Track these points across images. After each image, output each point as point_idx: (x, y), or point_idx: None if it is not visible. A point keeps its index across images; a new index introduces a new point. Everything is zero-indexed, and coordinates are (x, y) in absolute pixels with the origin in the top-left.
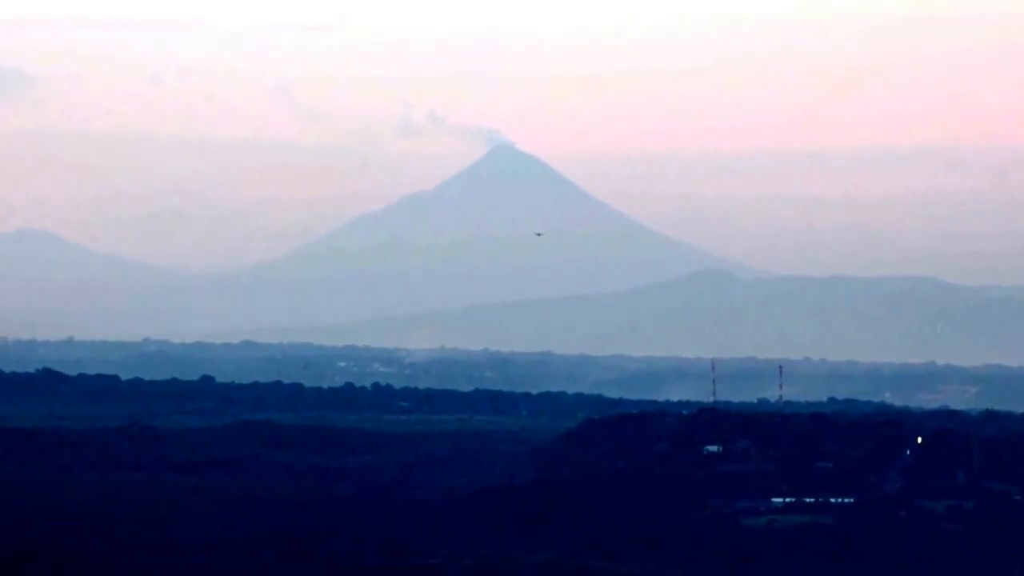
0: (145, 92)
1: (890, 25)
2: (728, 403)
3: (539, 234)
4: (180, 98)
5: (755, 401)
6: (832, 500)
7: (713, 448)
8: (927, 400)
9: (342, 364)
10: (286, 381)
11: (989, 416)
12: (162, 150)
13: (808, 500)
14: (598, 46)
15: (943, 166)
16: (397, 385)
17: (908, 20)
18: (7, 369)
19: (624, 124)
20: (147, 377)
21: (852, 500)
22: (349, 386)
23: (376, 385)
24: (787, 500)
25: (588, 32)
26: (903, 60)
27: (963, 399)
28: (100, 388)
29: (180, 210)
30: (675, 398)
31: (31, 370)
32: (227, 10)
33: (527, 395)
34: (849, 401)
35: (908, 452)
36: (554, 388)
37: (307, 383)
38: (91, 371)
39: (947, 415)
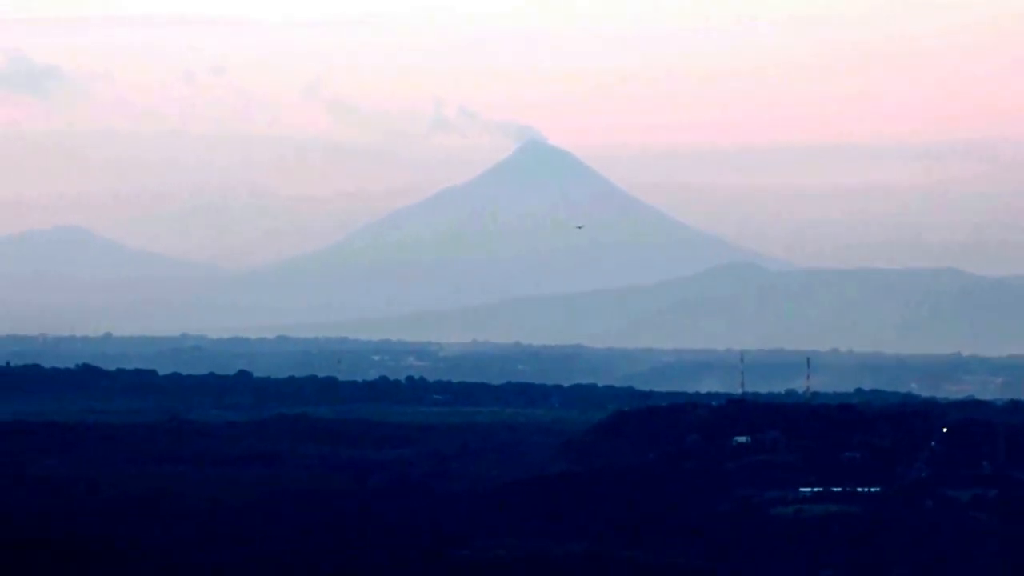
0: (179, 89)
1: (915, 17)
2: (757, 394)
3: (580, 227)
4: (214, 95)
5: (783, 392)
6: (859, 489)
7: (742, 439)
8: (952, 390)
9: (376, 358)
10: (321, 375)
11: (1014, 406)
12: (196, 147)
13: (835, 490)
14: (627, 41)
15: (969, 158)
16: (431, 378)
17: (934, 9)
18: (47, 365)
19: (653, 118)
20: (184, 372)
21: (879, 489)
22: (383, 379)
23: (410, 378)
24: (815, 490)
25: (617, 28)
26: (930, 52)
27: (988, 389)
28: (138, 383)
29: (215, 206)
30: (704, 390)
31: (70, 366)
32: (260, 7)
33: (558, 388)
34: (876, 392)
35: (934, 442)
36: (585, 381)
37: (341, 377)
38: (129, 366)
39: (972, 405)
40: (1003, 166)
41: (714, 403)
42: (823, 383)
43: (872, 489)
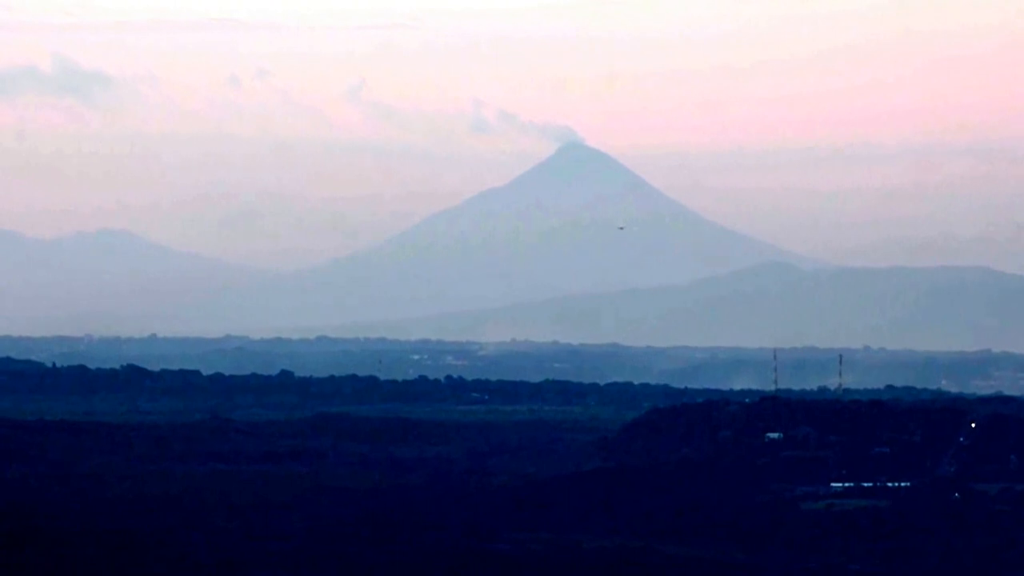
0: (223, 93)
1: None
2: (789, 391)
3: (621, 228)
4: (257, 99)
5: (815, 389)
6: (889, 484)
7: (774, 435)
8: (982, 387)
9: (416, 357)
10: (361, 374)
11: None
12: (239, 150)
13: (866, 485)
14: (663, 45)
15: (996, 158)
16: (469, 377)
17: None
18: (93, 366)
19: (689, 120)
20: (228, 372)
21: (909, 484)
22: (423, 379)
23: (449, 377)
24: (846, 485)
25: (654, 30)
26: (964, 51)
27: (1017, 385)
28: (183, 383)
29: (258, 209)
30: (738, 387)
31: (116, 367)
32: (303, 12)
33: (595, 386)
34: (906, 388)
35: (963, 437)
36: (621, 379)
37: (382, 376)
38: (174, 367)
39: (1001, 401)
40: None
41: (747, 400)
42: (854, 380)
43: (902, 484)
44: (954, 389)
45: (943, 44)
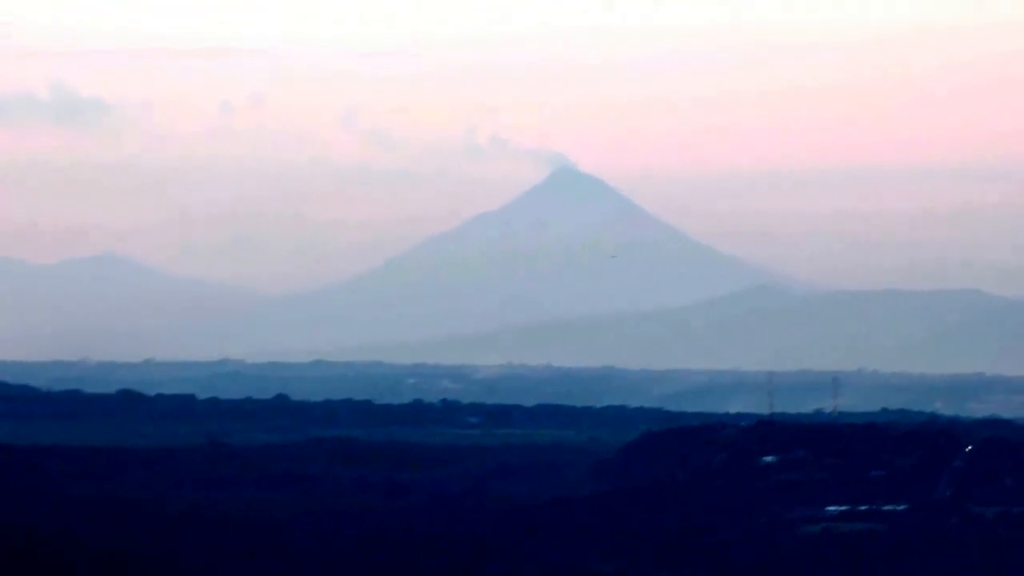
0: (217, 119)
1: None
2: (785, 414)
3: (614, 256)
4: (252, 124)
5: (811, 412)
6: (885, 507)
7: (770, 458)
8: (976, 409)
9: (411, 381)
10: (357, 398)
11: None
12: (235, 175)
13: (862, 508)
14: (656, 70)
15: (993, 180)
16: (464, 401)
17: (960, 33)
18: (88, 390)
19: (680, 144)
20: (223, 396)
21: (905, 507)
22: (418, 402)
23: (444, 401)
24: (842, 508)
25: (644, 57)
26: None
27: (1011, 408)
28: (178, 407)
29: (253, 233)
30: (733, 410)
31: (111, 391)
32: (295, 39)
33: (590, 409)
34: (901, 411)
35: (958, 460)
36: (616, 402)
37: (377, 400)
38: (169, 391)
39: (996, 423)
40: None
41: (743, 423)
42: (849, 403)
43: (898, 507)
44: (949, 412)
45: (935, 70)
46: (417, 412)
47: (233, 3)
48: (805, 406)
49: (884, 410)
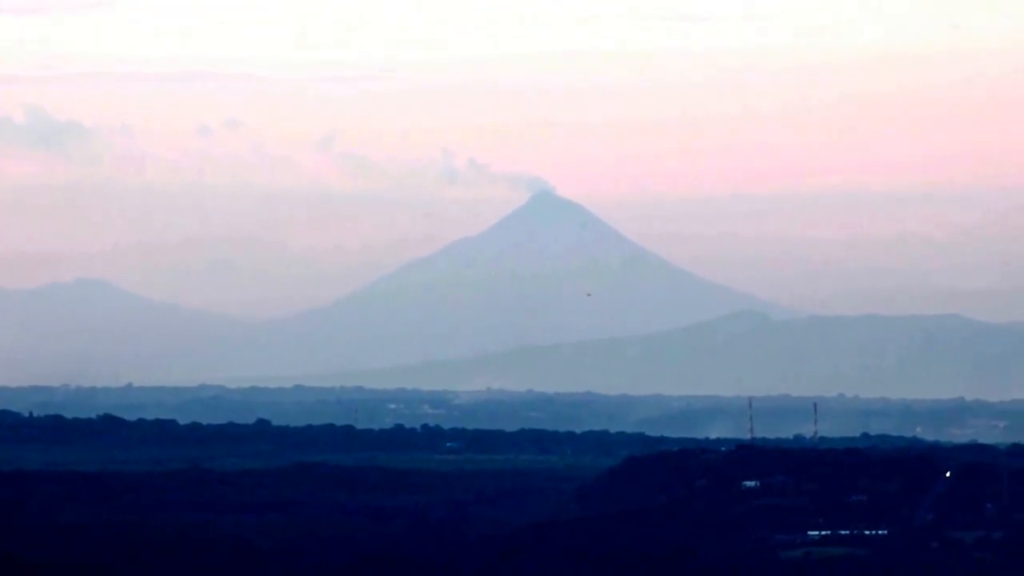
0: (195, 143)
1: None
2: (765, 439)
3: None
4: (229, 148)
5: (791, 437)
6: (866, 532)
7: (751, 483)
8: (957, 434)
9: (392, 406)
10: (338, 423)
11: (1017, 449)
12: (213, 199)
13: (843, 532)
14: (634, 94)
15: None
16: (446, 426)
17: (938, 58)
18: (69, 415)
19: (659, 169)
20: (204, 421)
21: (886, 532)
22: (399, 427)
23: (425, 426)
24: (823, 533)
25: (622, 81)
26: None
27: (991, 433)
28: (159, 433)
29: (232, 259)
30: (714, 435)
31: (92, 416)
32: (273, 63)
33: (571, 434)
34: (882, 436)
35: (939, 485)
36: (597, 427)
37: (358, 425)
38: (150, 416)
39: (976, 449)
40: (1006, 212)
41: (723, 448)
42: (830, 428)
43: (879, 532)
44: (929, 437)
45: (914, 94)
46: (398, 437)
47: (211, 28)
48: (786, 431)
49: (865, 435)
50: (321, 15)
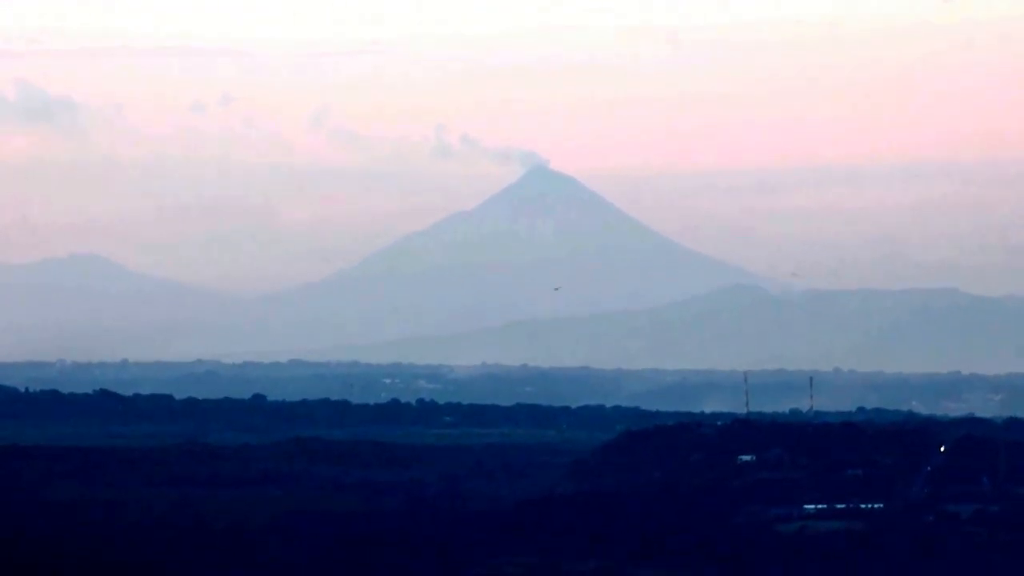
0: (187, 118)
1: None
2: (761, 414)
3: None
4: (221, 124)
5: (787, 412)
6: (862, 506)
7: (746, 457)
8: (952, 408)
9: (388, 381)
10: (334, 398)
11: (1012, 423)
12: (207, 175)
13: (839, 506)
14: (628, 69)
15: (967, 178)
16: (441, 400)
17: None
18: (65, 391)
19: (654, 143)
20: (200, 396)
21: (881, 506)
22: (395, 402)
23: (421, 401)
24: (819, 507)
25: (618, 56)
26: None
27: (987, 407)
28: (155, 408)
29: (227, 233)
30: (710, 410)
31: (88, 391)
32: (266, 38)
33: (566, 409)
34: (878, 410)
35: (935, 458)
36: (592, 402)
37: (354, 400)
38: (146, 391)
39: (972, 422)
40: (1001, 186)
41: (719, 422)
42: (826, 402)
43: (875, 506)
44: (925, 411)
45: (911, 68)
46: (394, 412)
47: (203, 3)
48: (781, 405)
49: (860, 409)
50: None
